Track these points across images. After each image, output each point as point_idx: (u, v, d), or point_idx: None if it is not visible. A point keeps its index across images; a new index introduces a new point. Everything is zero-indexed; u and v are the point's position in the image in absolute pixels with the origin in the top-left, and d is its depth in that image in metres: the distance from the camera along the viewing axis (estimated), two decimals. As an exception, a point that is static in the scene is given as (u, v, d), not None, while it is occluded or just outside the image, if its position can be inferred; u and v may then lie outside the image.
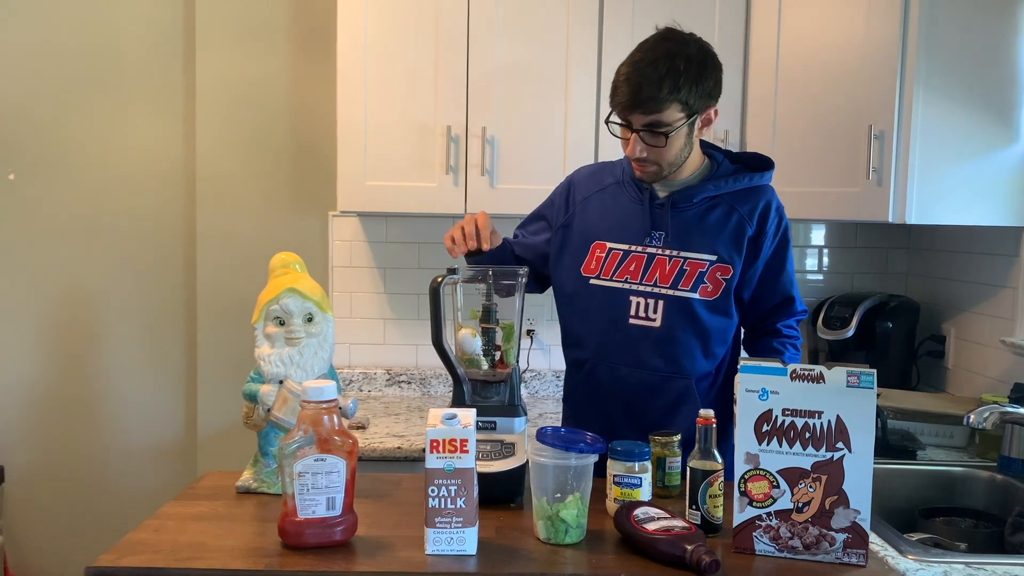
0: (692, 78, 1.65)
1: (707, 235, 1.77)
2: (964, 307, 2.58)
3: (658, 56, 1.65)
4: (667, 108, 1.65)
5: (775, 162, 1.85)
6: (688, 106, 1.67)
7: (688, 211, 1.78)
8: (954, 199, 2.28)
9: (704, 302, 1.75)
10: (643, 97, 1.64)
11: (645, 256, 1.78)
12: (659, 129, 1.67)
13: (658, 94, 1.63)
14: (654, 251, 1.78)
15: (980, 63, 2.25)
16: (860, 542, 1.32)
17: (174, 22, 2.85)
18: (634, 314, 1.78)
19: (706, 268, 1.75)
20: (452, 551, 1.33)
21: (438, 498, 1.32)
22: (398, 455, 2.21)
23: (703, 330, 1.77)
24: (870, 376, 1.31)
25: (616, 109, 1.70)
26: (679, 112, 1.66)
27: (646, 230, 1.79)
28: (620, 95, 1.67)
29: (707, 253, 1.76)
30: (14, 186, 2.87)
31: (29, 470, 2.92)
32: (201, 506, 1.53)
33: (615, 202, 1.85)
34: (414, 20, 2.48)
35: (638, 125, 1.68)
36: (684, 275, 1.75)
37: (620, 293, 1.79)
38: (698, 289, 1.75)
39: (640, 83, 1.63)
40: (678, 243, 1.77)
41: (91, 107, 2.86)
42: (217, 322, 2.85)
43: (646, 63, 1.64)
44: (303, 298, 1.57)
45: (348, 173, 2.51)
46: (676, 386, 1.78)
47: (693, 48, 1.68)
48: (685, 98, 1.65)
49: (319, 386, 1.35)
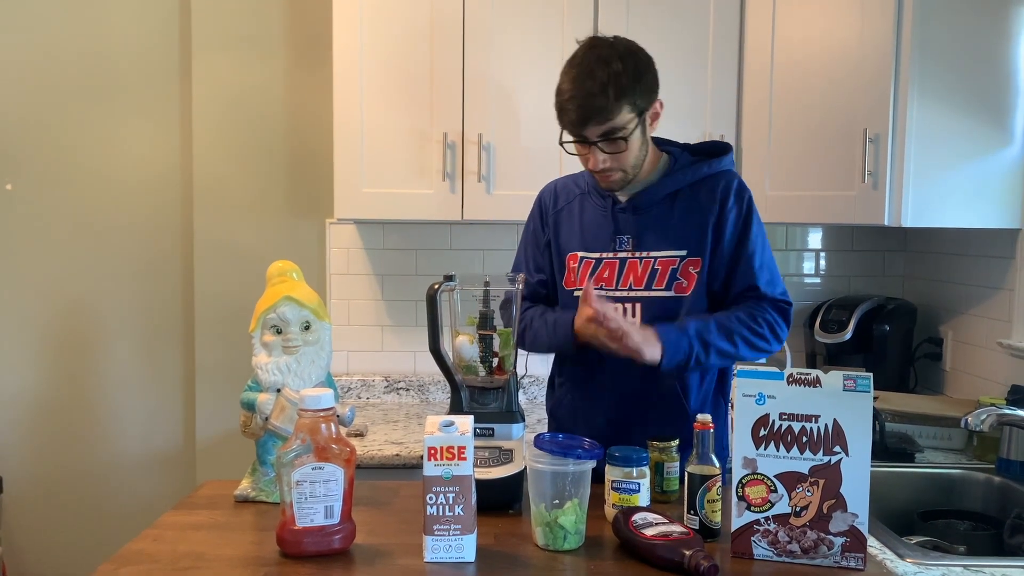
0: (632, 77, 1.66)
1: (673, 231, 1.76)
2: (961, 310, 2.59)
3: (593, 66, 1.65)
4: (618, 113, 1.65)
5: (771, 166, 1.85)
6: (636, 105, 1.67)
7: (651, 210, 1.78)
8: (950, 202, 2.28)
9: (682, 299, 1.74)
10: (593, 109, 1.64)
11: (617, 262, 1.79)
12: (615, 135, 1.67)
13: (606, 102, 1.63)
14: (625, 255, 1.78)
15: (974, 66, 2.26)
16: (858, 545, 1.32)
17: (170, 30, 2.85)
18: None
19: (677, 264, 1.75)
20: (451, 559, 1.33)
21: (436, 505, 1.32)
22: (396, 462, 2.21)
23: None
24: (866, 380, 1.31)
25: (568, 128, 1.70)
26: (629, 113, 1.67)
27: (613, 236, 1.80)
28: (569, 113, 1.67)
29: (676, 249, 1.75)
30: (11, 196, 2.87)
31: (28, 480, 2.91)
32: (199, 515, 1.53)
33: (582, 212, 1.86)
34: (410, 27, 2.49)
35: (594, 137, 1.68)
36: (656, 275, 1.75)
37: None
38: (673, 286, 1.75)
39: (585, 96, 1.64)
40: (646, 244, 1.77)
41: (87, 116, 2.86)
42: (215, 331, 2.85)
43: (584, 76, 1.65)
44: (300, 306, 1.58)
45: (345, 180, 2.51)
46: (660, 388, 1.76)
47: (622, 49, 1.69)
48: (632, 99, 1.66)
49: (316, 394, 1.36)
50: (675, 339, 1.66)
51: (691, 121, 2.52)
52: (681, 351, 1.66)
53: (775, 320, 1.76)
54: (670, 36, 2.51)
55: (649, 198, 1.78)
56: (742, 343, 1.71)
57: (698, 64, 2.52)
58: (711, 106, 2.53)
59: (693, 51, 2.52)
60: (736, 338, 1.71)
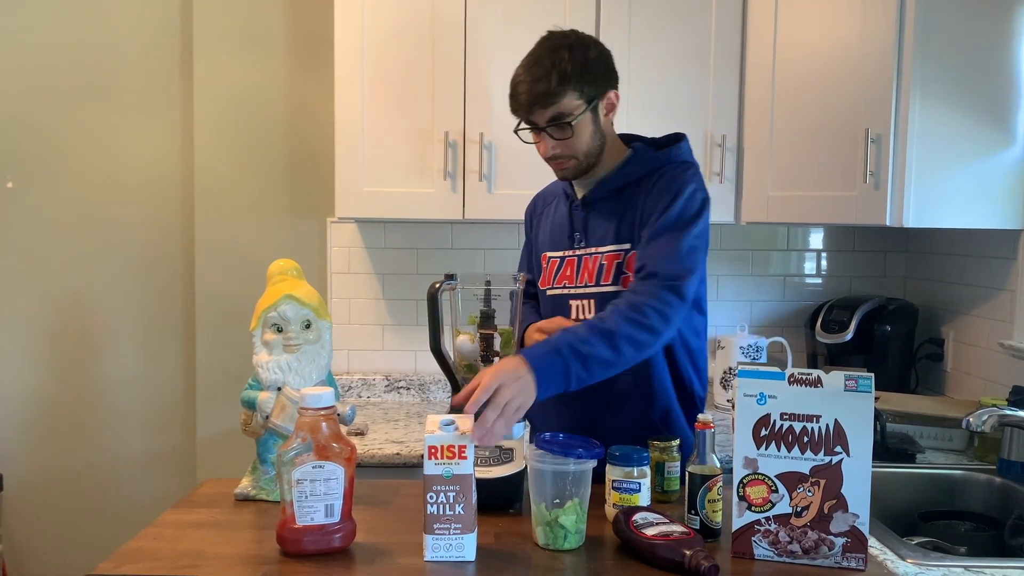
0: (578, 64, 1.69)
1: (619, 225, 1.76)
2: (962, 310, 2.58)
3: (542, 54, 1.70)
4: (563, 98, 1.68)
5: (773, 166, 1.84)
6: (583, 92, 1.69)
7: (600, 206, 1.79)
8: (952, 202, 2.28)
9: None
10: (537, 92, 1.68)
11: (575, 259, 1.81)
12: (563, 120, 1.69)
13: (549, 86, 1.67)
14: (581, 252, 1.80)
15: (977, 66, 2.25)
16: (859, 546, 1.32)
17: (171, 29, 2.85)
18: (575, 318, 1.79)
19: (622, 259, 1.74)
20: (451, 558, 1.32)
21: (436, 504, 1.32)
22: (397, 461, 2.21)
23: None
24: (868, 380, 1.31)
25: (519, 114, 1.74)
26: (577, 100, 1.69)
27: (571, 234, 1.83)
28: (518, 97, 1.71)
29: (620, 243, 1.75)
30: (12, 194, 2.88)
31: (28, 478, 2.91)
32: (200, 514, 1.53)
33: (555, 213, 1.90)
34: (411, 26, 2.49)
35: (543, 123, 1.71)
36: (603, 271, 1.76)
37: (562, 299, 1.82)
38: (620, 280, 1.74)
39: (531, 81, 1.68)
40: (594, 240, 1.79)
41: (88, 114, 2.86)
42: (215, 329, 2.85)
43: (532, 63, 1.70)
44: (301, 305, 1.58)
45: (346, 179, 2.51)
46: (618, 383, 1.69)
47: (573, 39, 1.73)
48: (577, 85, 1.68)
49: (317, 393, 1.35)
50: (547, 364, 1.47)
51: (692, 121, 2.52)
52: (556, 375, 1.47)
53: (662, 301, 1.59)
54: (672, 36, 2.51)
55: (598, 194, 1.79)
56: (626, 344, 1.54)
57: (700, 64, 2.52)
58: (712, 106, 2.53)
59: (695, 51, 2.52)
60: (619, 341, 1.53)
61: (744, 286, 2.92)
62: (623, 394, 1.75)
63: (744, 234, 2.88)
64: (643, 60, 2.51)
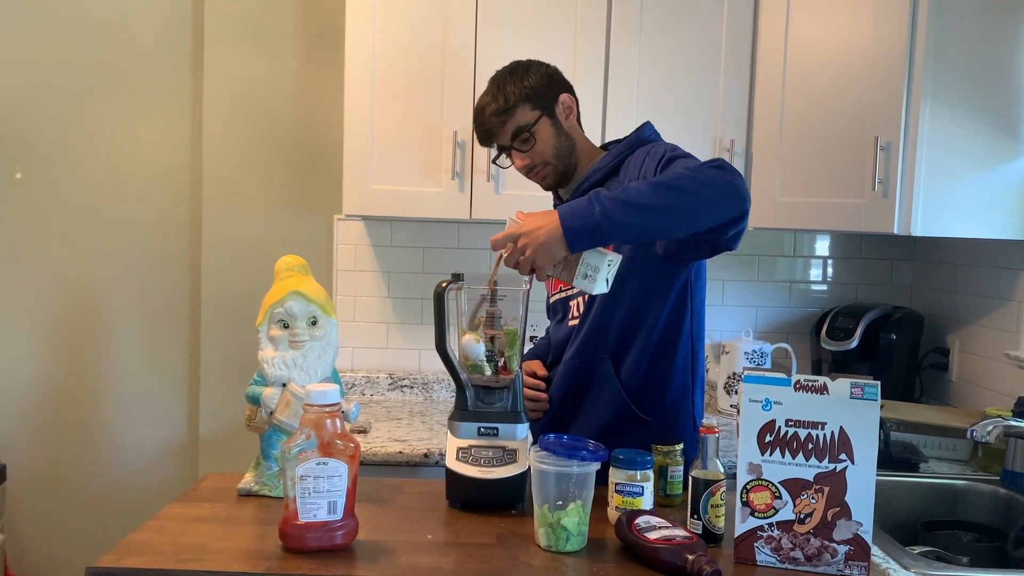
0: (518, 79, 1.81)
1: None
2: (969, 320, 2.58)
3: (490, 87, 1.85)
4: (515, 113, 1.79)
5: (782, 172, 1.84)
6: (534, 103, 1.80)
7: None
8: (960, 212, 2.27)
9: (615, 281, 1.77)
10: (490, 114, 1.80)
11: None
12: (522, 133, 1.80)
13: (499, 107, 1.79)
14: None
15: (988, 75, 2.25)
16: (862, 554, 1.31)
17: (182, 23, 2.86)
18: (571, 316, 1.87)
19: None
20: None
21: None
22: (400, 460, 2.21)
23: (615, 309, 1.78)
24: (874, 388, 1.31)
25: (486, 143, 1.86)
26: (530, 111, 1.80)
27: None
28: (479, 129, 1.85)
29: None
30: (20, 185, 2.88)
31: (31, 469, 2.92)
32: (202, 508, 1.53)
33: None
34: (422, 25, 2.49)
35: (507, 142, 1.82)
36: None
37: (563, 302, 1.90)
38: None
39: (483, 108, 1.82)
40: None
41: (98, 107, 2.87)
42: (221, 324, 2.85)
43: (483, 96, 1.85)
44: (307, 301, 1.58)
45: (354, 176, 2.51)
46: (598, 369, 1.80)
47: (512, 66, 1.86)
48: (525, 99, 1.80)
49: (322, 390, 1.35)
50: (570, 206, 1.48)
51: (702, 125, 2.52)
52: (578, 209, 1.46)
53: (711, 170, 1.52)
54: (683, 41, 2.51)
55: (575, 194, 1.85)
56: (664, 187, 1.47)
57: (710, 68, 2.52)
58: (722, 110, 2.53)
59: (705, 55, 2.52)
60: (655, 186, 1.47)
61: (750, 291, 2.92)
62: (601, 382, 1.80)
63: (751, 239, 2.87)
64: (653, 64, 2.51)
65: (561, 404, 1.86)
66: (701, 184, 1.49)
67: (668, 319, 1.78)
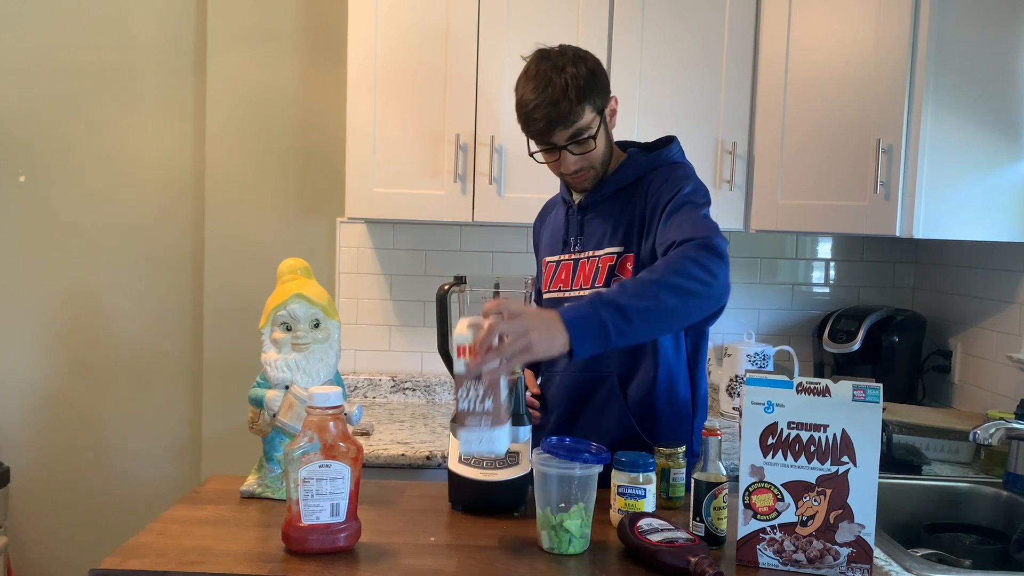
0: (589, 78, 1.70)
1: (613, 228, 1.77)
2: (971, 322, 2.58)
3: (549, 74, 1.68)
4: (582, 115, 1.69)
5: (784, 174, 1.84)
6: (596, 105, 1.72)
7: (596, 210, 1.82)
8: (962, 214, 2.28)
9: None
10: (560, 114, 1.67)
11: (571, 263, 1.84)
12: (582, 136, 1.71)
13: (571, 106, 1.67)
14: (576, 256, 1.83)
15: (989, 78, 2.25)
16: (864, 557, 1.31)
17: (185, 26, 2.86)
18: None
19: (615, 262, 1.75)
20: (483, 451, 1.37)
21: (467, 400, 1.35)
22: (402, 462, 2.21)
23: None
24: (876, 390, 1.31)
25: (536, 137, 1.73)
26: (591, 113, 1.71)
27: (567, 238, 1.86)
28: (537, 122, 1.69)
29: (614, 246, 1.76)
30: (24, 188, 2.89)
31: (34, 472, 2.92)
32: (205, 510, 1.54)
33: (554, 219, 1.95)
34: (425, 28, 2.49)
35: (562, 142, 1.71)
36: (598, 273, 1.77)
37: (558, 303, 1.83)
38: (611, 283, 1.75)
39: (550, 103, 1.67)
40: (590, 244, 1.81)
41: (101, 110, 2.88)
42: (223, 326, 2.86)
43: (544, 84, 1.68)
44: (310, 304, 1.58)
45: (356, 180, 2.52)
46: (602, 386, 1.78)
47: (570, 54, 1.72)
48: (590, 98, 1.70)
49: (325, 392, 1.36)
50: (581, 316, 1.38)
51: (703, 128, 2.52)
52: (591, 327, 1.37)
53: (700, 256, 1.49)
54: (685, 44, 2.51)
55: (595, 198, 1.82)
56: (667, 293, 1.43)
57: (712, 71, 2.52)
58: (724, 113, 2.53)
59: (707, 60, 2.52)
60: (657, 289, 1.43)
61: (752, 294, 2.92)
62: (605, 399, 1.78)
63: (753, 242, 2.88)
64: (655, 67, 2.52)
65: (562, 417, 1.82)
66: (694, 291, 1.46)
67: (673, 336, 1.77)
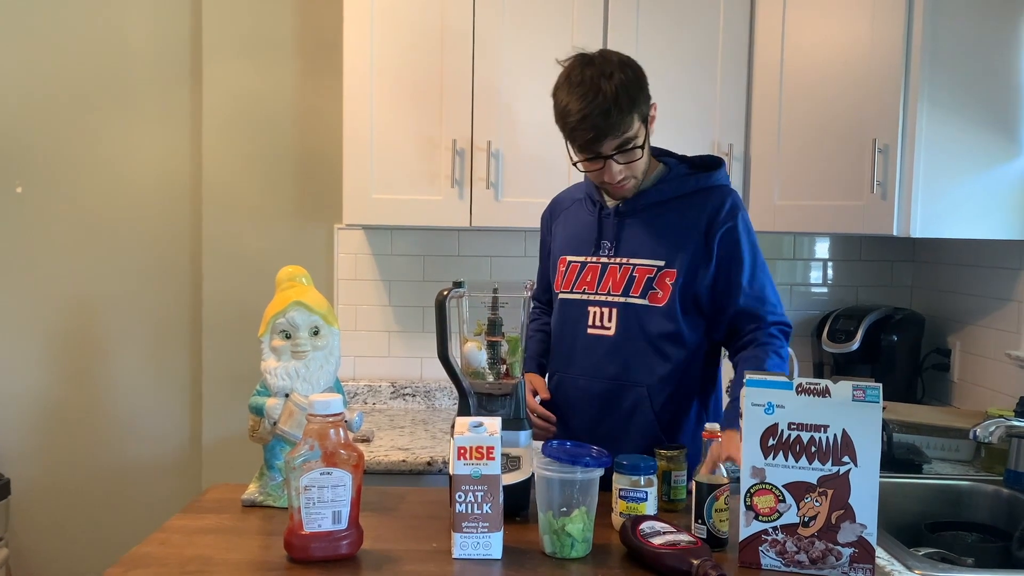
0: (635, 87, 1.69)
1: (655, 240, 1.76)
2: (969, 320, 2.58)
3: (596, 81, 1.65)
4: (632, 124, 1.68)
5: (781, 175, 1.85)
6: (641, 113, 1.71)
7: (637, 217, 1.80)
8: (959, 213, 2.28)
9: (655, 308, 1.75)
10: (610, 124, 1.65)
11: (599, 266, 1.81)
12: (628, 146, 1.70)
13: (620, 116, 1.65)
14: (606, 261, 1.81)
15: (984, 77, 2.26)
16: (866, 556, 1.31)
17: (181, 35, 2.86)
18: (591, 324, 1.80)
19: (654, 274, 1.75)
20: (479, 555, 1.36)
21: (465, 503, 1.35)
22: (403, 468, 2.21)
23: (655, 337, 1.75)
24: (876, 390, 1.31)
25: (582, 147, 1.70)
26: (637, 122, 1.70)
27: (597, 241, 1.82)
28: (584, 132, 1.67)
29: (655, 258, 1.76)
30: (21, 198, 2.89)
31: (35, 483, 2.91)
32: (207, 519, 1.53)
33: (576, 218, 1.91)
34: (420, 34, 2.50)
35: (609, 151, 1.69)
36: (633, 282, 1.76)
37: (579, 304, 1.83)
38: (647, 295, 1.75)
39: (600, 113, 1.64)
40: (626, 251, 1.79)
41: (98, 120, 2.88)
42: (222, 334, 2.85)
43: (592, 93, 1.65)
44: (309, 311, 1.58)
45: (354, 186, 2.52)
46: (630, 395, 1.77)
47: (616, 61, 1.70)
48: (637, 107, 1.69)
49: (326, 400, 1.36)
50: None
51: (699, 130, 2.52)
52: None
53: (781, 345, 1.75)
54: (679, 45, 2.51)
55: (636, 205, 1.80)
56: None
57: (707, 74, 2.53)
58: (720, 114, 2.53)
59: (702, 61, 2.52)
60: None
61: (750, 295, 2.91)
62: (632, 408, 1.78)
63: (750, 243, 2.88)
64: (651, 69, 2.47)
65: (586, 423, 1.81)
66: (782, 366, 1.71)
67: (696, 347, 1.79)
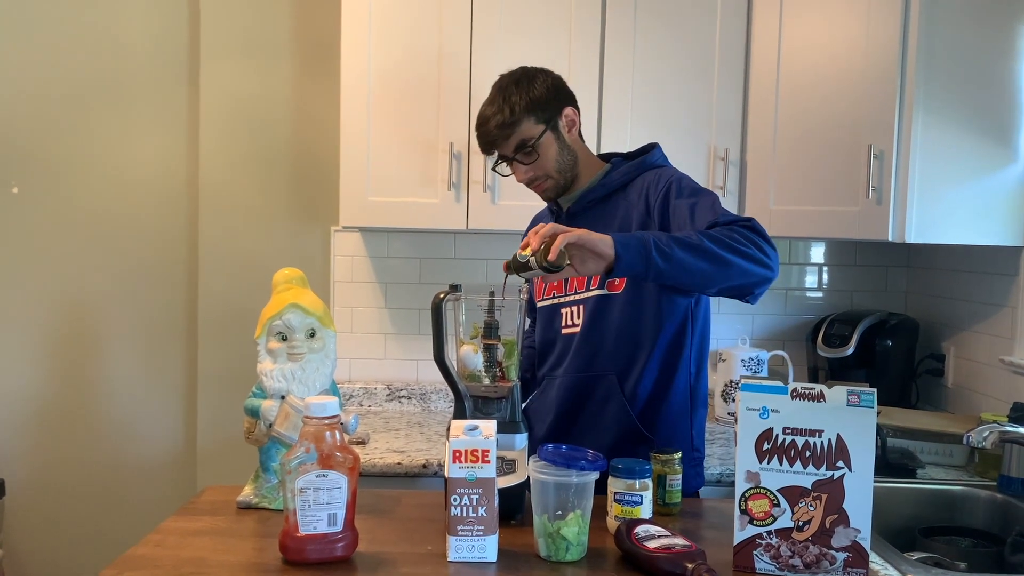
0: (524, 91, 1.80)
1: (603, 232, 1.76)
2: (964, 326, 2.59)
3: (494, 94, 1.83)
4: (520, 126, 1.79)
5: (776, 180, 1.86)
6: (539, 116, 1.80)
7: (585, 215, 1.85)
8: (954, 218, 2.29)
9: (615, 296, 1.79)
10: (495, 125, 1.79)
11: None
12: (527, 146, 1.80)
13: (505, 118, 1.79)
14: None
15: (980, 84, 2.27)
16: (860, 561, 1.32)
17: (178, 36, 2.87)
18: (564, 324, 1.87)
19: None
20: (473, 558, 1.36)
21: (460, 507, 1.35)
22: (398, 471, 2.21)
23: (619, 324, 1.79)
24: (870, 395, 1.32)
25: (487, 151, 1.85)
26: (535, 125, 1.80)
27: None
28: (480, 139, 1.84)
29: None
30: (17, 199, 2.88)
31: (29, 484, 2.91)
32: (202, 521, 1.53)
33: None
34: (418, 36, 2.50)
35: (510, 153, 1.82)
36: (591, 277, 1.80)
37: (554, 308, 1.90)
38: (605, 284, 1.79)
39: (488, 118, 1.81)
40: None
41: (95, 121, 2.88)
42: (218, 336, 2.85)
43: (488, 104, 1.83)
44: (305, 313, 1.58)
45: (350, 188, 2.52)
46: (601, 384, 1.81)
47: (519, 74, 1.85)
48: (531, 111, 1.79)
49: (322, 402, 1.36)
50: (628, 235, 1.52)
51: (695, 134, 2.53)
52: (634, 240, 1.49)
53: (748, 235, 1.57)
54: (676, 52, 2.52)
55: (583, 204, 1.87)
56: (711, 242, 1.52)
57: (703, 78, 2.54)
58: (716, 119, 2.54)
59: (699, 67, 2.53)
60: (702, 238, 1.52)
61: (746, 299, 2.92)
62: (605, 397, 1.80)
63: (746, 247, 2.88)
64: (647, 74, 2.53)
65: (561, 418, 1.85)
66: (744, 252, 1.54)
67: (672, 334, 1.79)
